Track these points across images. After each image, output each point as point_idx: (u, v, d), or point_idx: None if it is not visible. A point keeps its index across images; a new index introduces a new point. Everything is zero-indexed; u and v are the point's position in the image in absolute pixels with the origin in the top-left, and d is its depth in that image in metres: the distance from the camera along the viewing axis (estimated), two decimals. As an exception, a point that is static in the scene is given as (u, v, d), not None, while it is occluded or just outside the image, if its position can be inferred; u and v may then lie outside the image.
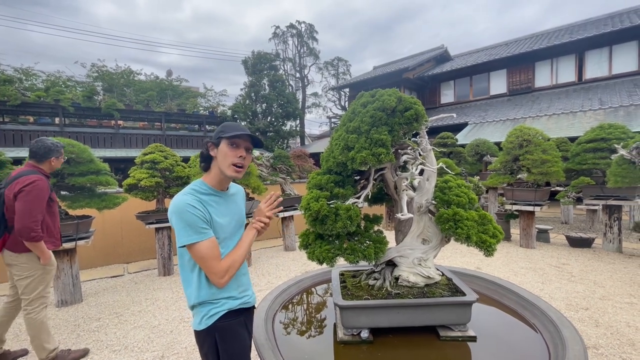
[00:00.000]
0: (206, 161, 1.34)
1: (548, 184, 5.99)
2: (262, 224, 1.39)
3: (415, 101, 1.77)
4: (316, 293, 2.44)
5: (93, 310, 3.54)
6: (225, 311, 1.28)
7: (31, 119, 13.72)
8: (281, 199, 1.46)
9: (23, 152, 11.16)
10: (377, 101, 1.77)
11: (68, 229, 3.52)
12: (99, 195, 3.90)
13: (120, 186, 4.60)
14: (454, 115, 2.08)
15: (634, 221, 7.08)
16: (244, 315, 1.37)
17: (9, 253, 2.38)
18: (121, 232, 5.40)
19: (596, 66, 12.49)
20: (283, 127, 20.13)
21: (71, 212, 3.81)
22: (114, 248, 5.36)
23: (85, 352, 2.67)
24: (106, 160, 4.51)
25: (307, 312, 2.21)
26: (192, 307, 1.29)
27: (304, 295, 2.41)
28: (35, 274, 2.42)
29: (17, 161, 5.13)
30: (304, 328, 1.97)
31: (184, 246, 1.20)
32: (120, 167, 13.40)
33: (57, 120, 13.50)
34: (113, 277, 4.70)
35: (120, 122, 14.84)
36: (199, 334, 1.29)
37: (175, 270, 4.79)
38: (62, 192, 3.82)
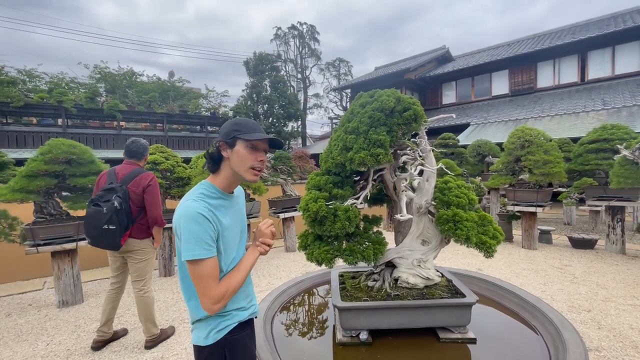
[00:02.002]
0: (216, 162, 1.20)
1: (550, 184, 5.95)
2: (268, 247, 1.30)
3: (414, 101, 1.76)
4: (316, 294, 2.44)
5: (94, 311, 3.54)
6: (236, 324, 1.20)
7: (34, 120, 13.82)
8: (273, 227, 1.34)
9: (26, 154, 11.23)
10: (375, 101, 1.76)
11: (69, 230, 3.54)
12: (100, 196, 3.91)
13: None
14: (454, 115, 2.07)
15: (637, 222, 7.03)
16: (250, 326, 1.30)
17: (134, 240, 2.68)
18: (122, 233, 5.41)
19: (599, 66, 12.42)
20: (285, 128, 20.15)
21: (72, 212, 3.82)
22: (115, 249, 5.36)
23: (173, 331, 3.00)
24: (108, 161, 4.52)
25: (307, 313, 2.20)
26: (197, 321, 1.18)
27: (304, 297, 2.40)
28: (150, 257, 2.79)
29: (20, 162, 5.16)
30: (303, 330, 1.96)
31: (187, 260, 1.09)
32: (123, 168, 13.43)
33: (59, 121, 13.59)
34: (114, 277, 4.70)
35: (122, 123, 14.91)
36: (203, 350, 1.16)
37: (176, 271, 4.79)
38: (64, 193, 3.84)
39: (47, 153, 3.46)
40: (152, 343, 2.76)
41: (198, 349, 1.18)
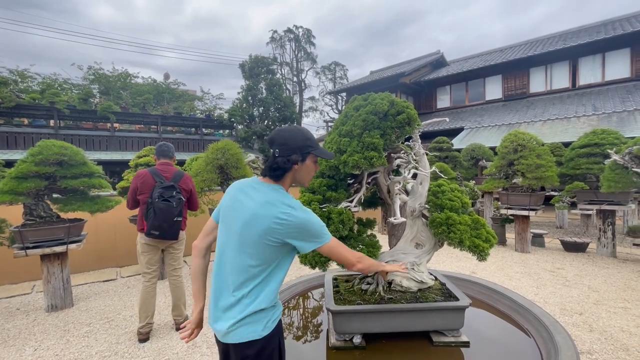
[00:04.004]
0: (285, 172, 1.27)
1: (543, 188, 6.01)
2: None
3: (407, 105, 1.77)
4: (310, 298, 2.42)
5: (84, 315, 3.48)
6: (281, 312, 1.31)
7: (26, 121, 13.62)
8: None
9: (17, 155, 11.06)
10: (369, 105, 1.77)
11: (59, 232, 3.48)
12: (91, 199, 3.85)
13: (114, 189, 4.55)
14: (447, 119, 2.09)
15: (627, 226, 7.13)
16: None
17: (181, 232, 3.00)
18: (115, 236, 5.35)
19: (590, 73, 12.65)
20: (280, 131, 20.12)
21: (63, 215, 3.75)
22: (107, 251, 5.29)
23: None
24: (101, 163, 4.48)
25: (300, 317, 2.18)
26: (256, 312, 1.18)
27: (297, 300, 2.38)
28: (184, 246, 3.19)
29: (10, 163, 5.08)
30: (296, 333, 1.94)
31: (324, 244, 1.25)
32: (116, 170, 13.33)
33: (51, 122, 13.42)
34: (105, 281, 4.63)
35: (116, 124, 14.78)
36: (257, 342, 1.18)
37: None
38: (54, 195, 3.78)
39: (38, 154, 3.41)
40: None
41: (249, 344, 1.17)
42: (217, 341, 1.28)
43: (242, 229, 1.20)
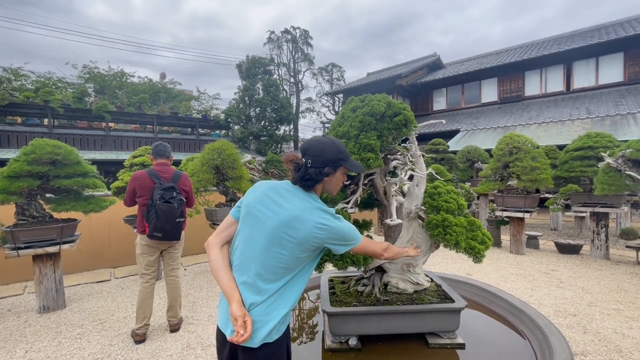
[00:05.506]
0: (316, 182, 1.26)
1: (537, 190, 6.06)
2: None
3: (404, 107, 1.77)
4: (306, 299, 2.41)
5: (76, 316, 3.44)
6: (290, 314, 1.28)
7: (19, 119, 13.46)
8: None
9: (9, 154, 10.92)
10: (366, 106, 1.77)
11: (52, 232, 3.43)
12: (85, 198, 3.81)
13: (109, 189, 4.50)
14: (444, 121, 2.10)
15: (620, 228, 7.21)
16: None
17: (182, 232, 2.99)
18: (109, 236, 5.29)
19: (583, 76, 12.79)
20: (277, 132, 20.13)
21: (56, 215, 3.71)
22: (101, 252, 5.23)
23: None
24: (96, 162, 4.43)
25: (296, 318, 2.17)
26: (278, 315, 1.16)
27: (293, 302, 2.37)
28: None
29: (1, 162, 5.01)
30: (292, 335, 1.93)
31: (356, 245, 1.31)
32: (111, 169, 13.21)
33: (45, 121, 13.27)
34: (99, 282, 4.58)
35: (111, 124, 14.66)
36: (269, 346, 1.16)
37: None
38: (47, 195, 3.73)
39: (31, 153, 3.36)
40: (178, 326, 3.10)
41: (262, 347, 1.15)
42: (221, 341, 1.23)
43: (276, 230, 1.16)
